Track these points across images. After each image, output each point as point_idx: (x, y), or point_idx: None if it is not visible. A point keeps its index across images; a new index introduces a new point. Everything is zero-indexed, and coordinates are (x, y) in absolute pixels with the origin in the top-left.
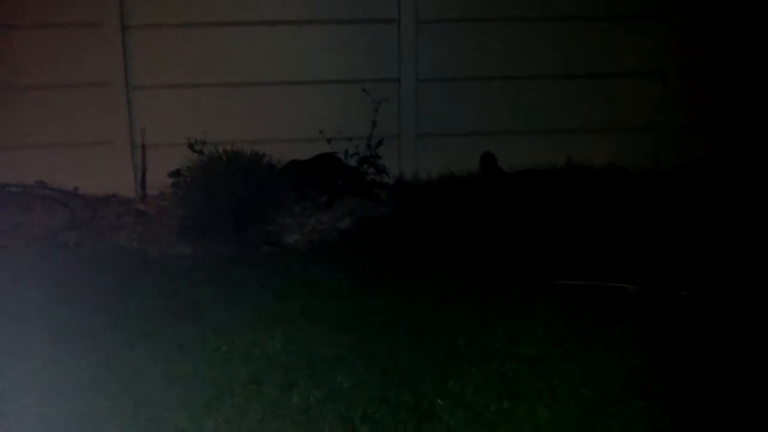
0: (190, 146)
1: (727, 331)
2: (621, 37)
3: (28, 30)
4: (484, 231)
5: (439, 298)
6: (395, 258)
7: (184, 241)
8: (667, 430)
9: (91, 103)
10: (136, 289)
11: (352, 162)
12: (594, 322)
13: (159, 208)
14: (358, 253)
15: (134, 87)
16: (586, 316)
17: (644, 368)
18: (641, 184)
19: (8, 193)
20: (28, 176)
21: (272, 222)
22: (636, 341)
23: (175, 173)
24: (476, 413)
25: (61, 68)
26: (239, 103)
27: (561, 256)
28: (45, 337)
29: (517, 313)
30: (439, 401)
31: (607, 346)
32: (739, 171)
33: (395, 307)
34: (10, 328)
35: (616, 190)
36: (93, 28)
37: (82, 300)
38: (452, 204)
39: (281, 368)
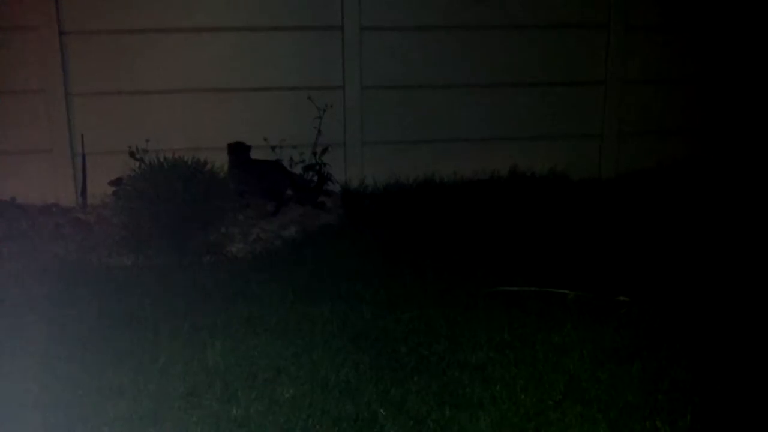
0: (131, 154)
1: (664, 333)
2: (562, 45)
3: None
4: (427, 239)
5: (382, 306)
6: (339, 267)
7: (124, 251)
8: None
9: (29, 111)
10: (73, 300)
11: (297, 170)
12: (534, 327)
13: (99, 218)
14: (302, 262)
15: (73, 94)
16: (527, 322)
17: (583, 373)
18: (582, 191)
19: None
20: None
21: (215, 231)
22: (575, 346)
23: (116, 182)
24: (418, 421)
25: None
26: (181, 110)
27: (503, 262)
28: None
29: (459, 321)
30: (381, 411)
31: (547, 351)
32: (680, 176)
33: (338, 316)
34: None
35: (558, 197)
36: (30, 33)
37: (14, 311)
38: (397, 213)
39: (221, 380)
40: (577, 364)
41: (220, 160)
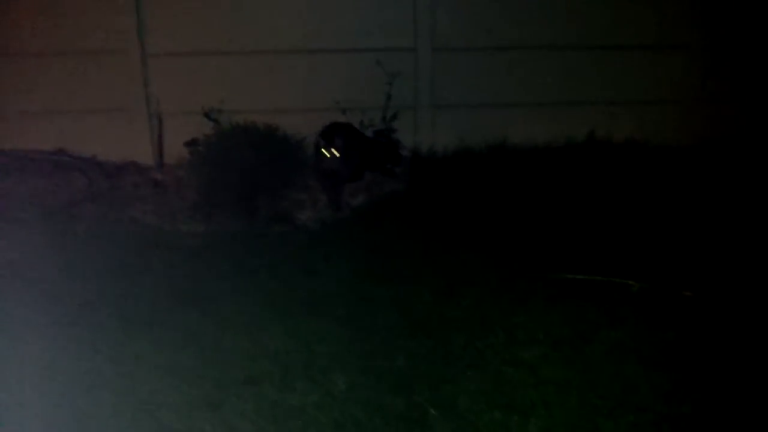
0: (206, 115)
1: (730, 338)
2: (644, 7)
3: None
4: (494, 214)
5: (442, 293)
6: (404, 243)
7: (197, 217)
8: None
9: (108, 71)
10: (143, 270)
11: (368, 134)
12: (594, 323)
13: (176, 179)
14: (367, 236)
15: (150, 54)
16: (587, 316)
17: (641, 378)
18: (661, 160)
19: (27, 161)
20: (47, 144)
21: (284, 197)
22: (635, 347)
23: (192, 143)
24: (468, 423)
25: (79, 35)
26: (255, 71)
27: (569, 244)
28: (51, 318)
29: (518, 311)
30: (432, 411)
31: (605, 352)
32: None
33: (398, 300)
34: (14, 312)
35: (634, 167)
36: None
37: (89, 282)
38: (465, 182)
39: (279, 367)
40: (634, 368)
41: (292, 123)
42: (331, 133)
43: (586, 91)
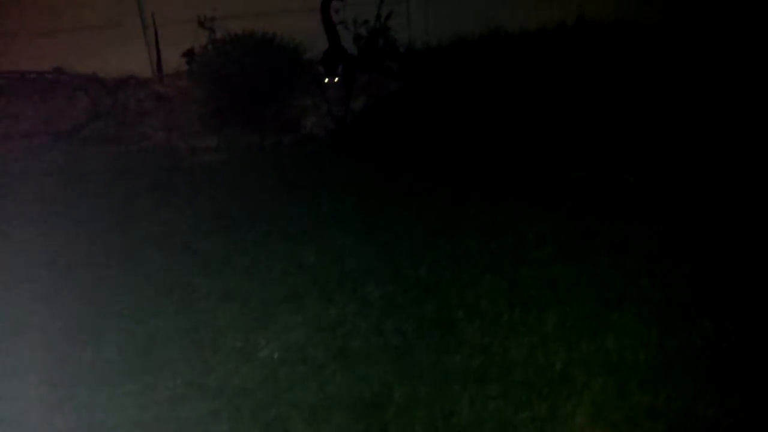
0: (200, 24)
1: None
2: None
3: None
4: (494, 108)
5: (451, 199)
6: (410, 150)
7: (207, 131)
8: (657, 336)
9: None
10: (171, 195)
11: (362, 31)
12: (596, 219)
13: (177, 90)
14: (374, 144)
15: None
16: (589, 213)
17: (640, 271)
18: (648, 39)
19: (27, 81)
20: (44, 63)
21: (288, 105)
22: (634, 241)
23: (189, 53)
24: (491, 323)
25: None
26: None
27: (565, 136)
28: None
29: (526, 214)
30: (460, 313)
31: (608, 246)
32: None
33: (413, 211)
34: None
35: (623, 47)
36: None
37: (115, 209)
38: (462, 75)
39: (317, 282)
40: (635, 262)
41: (287, 25)
42: (330, 61)
43: None
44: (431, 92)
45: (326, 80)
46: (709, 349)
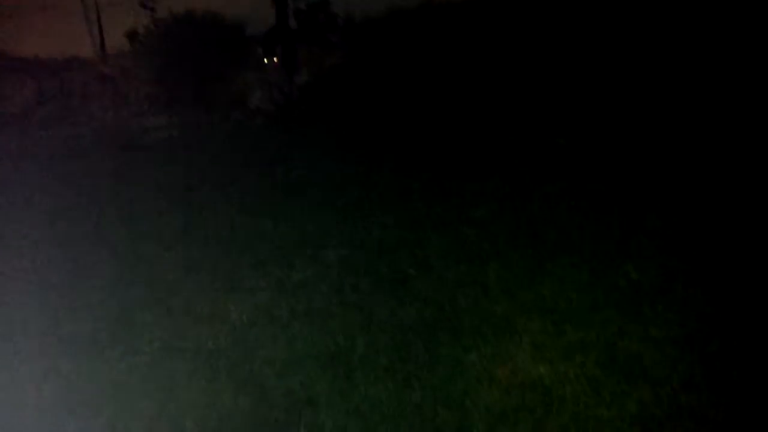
0: (141, 4)
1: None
2: None
3: None
4: (427, 80)
5: (400, 166)
6: (356, 121)
7: (156, 110)
8: (588, 280)
9: None
10: (127, 174)
11: (302, 6)
12: (531, 178)
13: (122, 71)
14: (319, 119)
15: None
16: (524, 172)
17: (571, 225)
18: None
19: None
20: None
21: (234, 81)
22: (565, 197)
23: (132, 34)
24: (440, 277)
25: None
26: None
27: (500, 102)
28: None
29: (468, 177)
30: (411, 270)
31: (541, 202)
32: None
33: (363, 178)
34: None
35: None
36: None
37: (76, 190)
38: (400, 46)
39: (278, 248)
40: (566, 216)
41: (226, 2)
42: (270, 43)
43: None
44: (372, 63)
45: (265, 60)
46: (632, 290)
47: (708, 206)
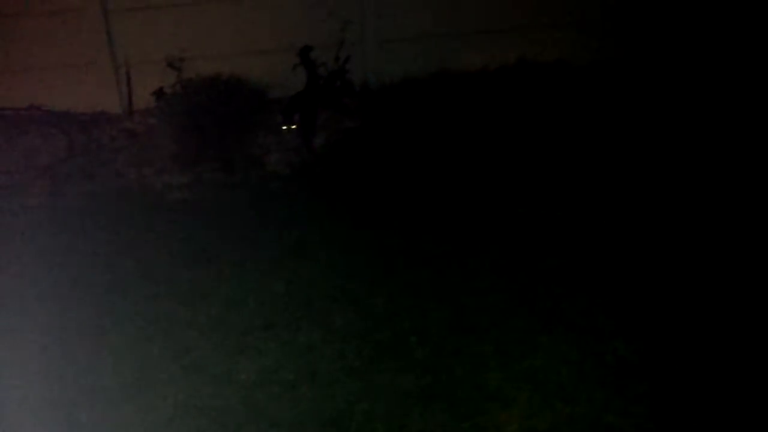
0: (169, 64)
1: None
2: None
3: None
4: (439, 146)
5: (407, 235)
6: (368, 185)
7: (178, 168)
8: (578, 356)
9: (72, 28)
10: (150, 232)
11: (321, 71)
12: (531, 252)
13: (147, 127)
14: (335, 180)
15: (110, 10)
16: (525, 247)
17: (573, 297)
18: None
19: (3, 118)
20: (20, 101)
21: (254, 143)
22: (563, 272)
23: (159, 92)
24: (438, 346)
25: None
26: (212, 19)
27: (508, 175)
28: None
29: (472, 246)
30: (412, 338)
31: (539, 277)
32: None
33: (373, 243)
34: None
35: (560, 86)
36: None
37: (101, 246)
38: (413, 112)
39: (287, 311)
40: (561, 290)
41: (251, 66)
42: (290, 110)
43: (515, 18)
44: (386, 129)
45: (284, 128)
46: (620, 366)
47: (695, 293)
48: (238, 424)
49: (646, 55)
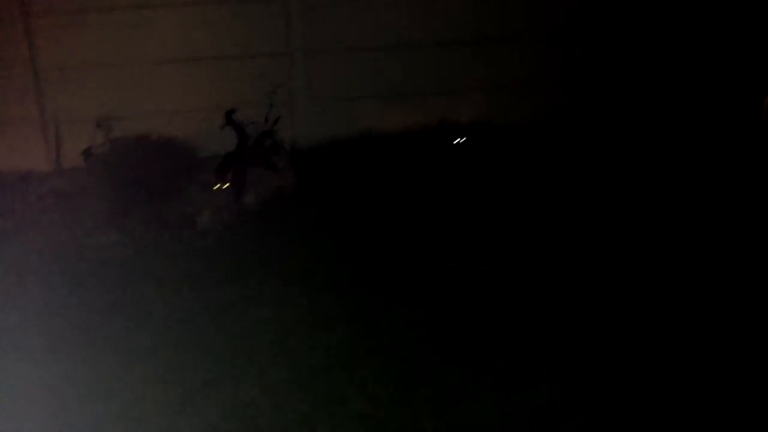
0: (98, 124)
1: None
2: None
3: None
4: (364, 201)
5: (340, 289)
6: (296, 241)
7: (108, 227)
8: (504, 399)
9: (2, 84)
10: (81, 291)
11: (250, 130)
12: (460, 303)
13: (76, 186)
14: (266, 237)
15: (40, 68)
16: (453, 298)
17: (494, 346)
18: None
19: None
20: None
21: (184, 201)
22: (490, 321)
23: (87, 151)
24: (375, 397)
25: None
26: (142, 79)
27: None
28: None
29: (395, 301)
30: (350, 391)
31: (468, 326)
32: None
33: (305, 298)
34: None
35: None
36: None
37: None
38: (340, 170)
39: (228, 368)
40: (489, 337)
41: (182, 125)
42: (221, 169)
43: (437, 82)
44: (314, 187)
45: (216, 186)
46: (545, 407)
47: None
48: None
49: (566, 113)
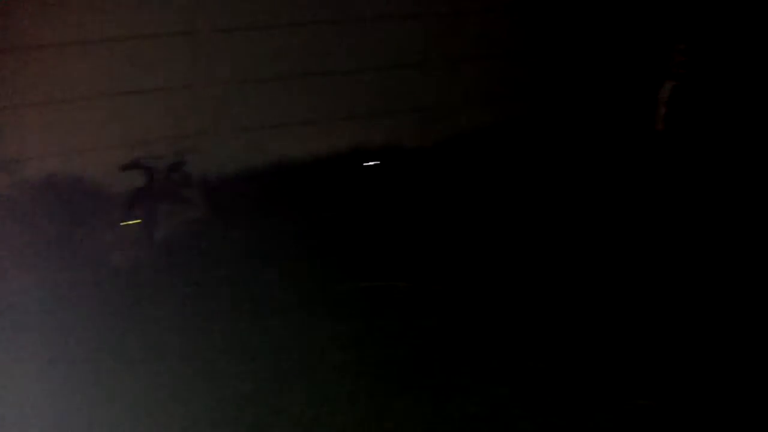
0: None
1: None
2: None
3: None
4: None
5: (256, 318)
6: (209, 275)
7: (17, 272)
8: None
9: None
10: None
11: (161, 164)
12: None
13: None
14: (178, 272)
15: None
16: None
17: (414, 363)
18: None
19: None
20: None
21: (96, 240)
22: (408, 338)
23: None
24: (299, 420)
25: None
26: (47, 119)
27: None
28: None
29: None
30: (270, 419)
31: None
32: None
33: (221, 332)
34: None
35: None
36: None
37: None
38: (254, 200)
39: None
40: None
41: (90, 162)
42: (131, 205)
43: (348, 108)
44: (225, 219)
45: (126, 223)
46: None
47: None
48: None
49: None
